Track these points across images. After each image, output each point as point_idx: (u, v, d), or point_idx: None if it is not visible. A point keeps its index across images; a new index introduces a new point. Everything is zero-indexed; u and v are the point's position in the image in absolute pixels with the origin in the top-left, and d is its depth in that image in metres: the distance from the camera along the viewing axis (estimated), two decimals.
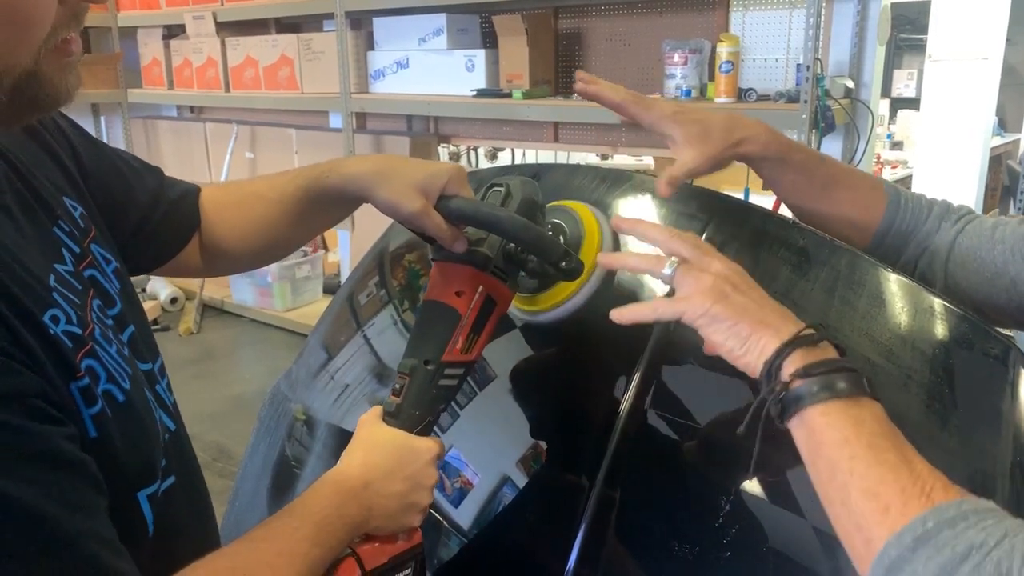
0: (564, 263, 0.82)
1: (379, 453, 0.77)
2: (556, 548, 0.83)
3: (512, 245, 0.82)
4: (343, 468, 0.77)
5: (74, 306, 0.65)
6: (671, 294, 0.74)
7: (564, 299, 0.89)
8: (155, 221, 0.91)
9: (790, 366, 0.64)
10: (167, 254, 0.94)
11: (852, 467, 0.59)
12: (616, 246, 0.92)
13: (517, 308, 0.93)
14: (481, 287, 0.81)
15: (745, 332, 0.67)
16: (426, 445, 0.79)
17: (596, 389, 0.91)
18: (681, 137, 0.91)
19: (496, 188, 0.84)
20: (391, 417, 0.80)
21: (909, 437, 0.71)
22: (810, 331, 0.65)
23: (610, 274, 0.91)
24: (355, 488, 0.74)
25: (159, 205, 0.91)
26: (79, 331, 0.64)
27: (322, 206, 0.92)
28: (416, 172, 0.82)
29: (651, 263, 0.75)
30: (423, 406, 0.80)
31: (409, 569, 0.79)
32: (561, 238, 0.91)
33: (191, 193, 0.97)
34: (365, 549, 0.76)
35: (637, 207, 1.00)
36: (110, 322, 0.71)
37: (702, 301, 0.69)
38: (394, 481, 0.76)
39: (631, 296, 0.92)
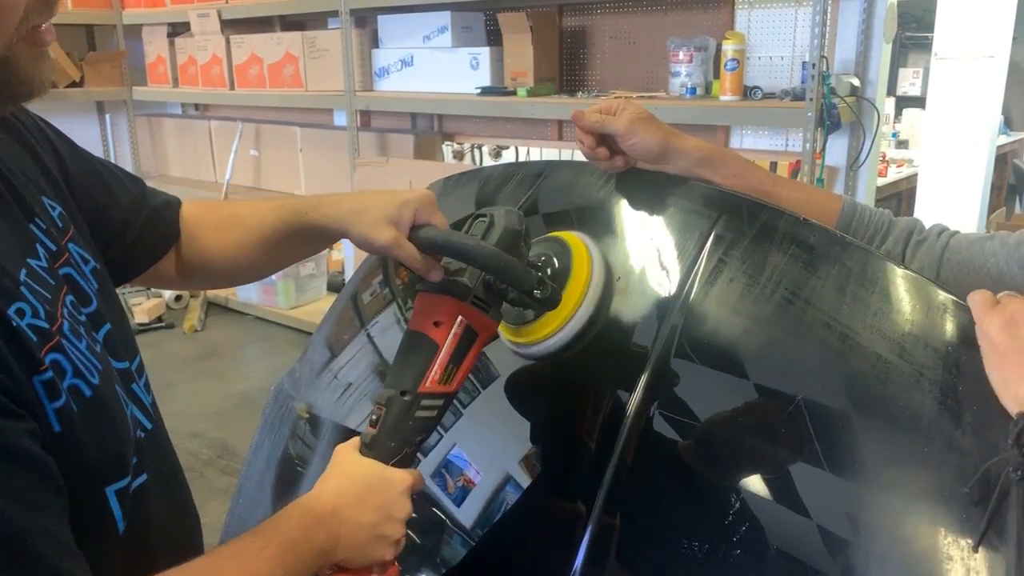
0: (538, 292, 0.82)
1: (350, 482, 0.77)
2: (563, 548, 0.83)
3: None
4: (314, 494, 0.76)
5: (44, 301, 0.65)
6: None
7: (550, 333, 0.88)
8: (136, 229, 0.92)
9: None
10: (147, 262, 0.95)
11: None
12: (608, 279, 0.91)
13: (507, 339, 0.92)
14: (460, 317, 0.81)
15: (1007, 373, 0.67)
16: (399, 477, 0.78)
17: (604, 391, 0.90)
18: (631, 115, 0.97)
19: (480, 219, 0.84)
20: (367, 448, 0.80)
21: (922, 435, 0.71)
22: None
23: (599, 308, 0.89)
24: (323, 515, 0.73)
25: (141, 212, 0.92)
26: (46, 325, 0.63)
27: (299, 240, 0.93)
28: (386, 205, 0.83)
29: None
30: (399, 437, 0.79)
31: None
32: (548, 270, 0.90)
33: (172, 205, 0.98)
34: None
35: (642, 204, 0.99)
36: (83, 319, 0.71)
37: (987, 323, 0.70)
38: (364, 511, 0.75)
39: (626, 330, 0.90)
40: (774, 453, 0.78)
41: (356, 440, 0.81)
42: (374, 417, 0.80)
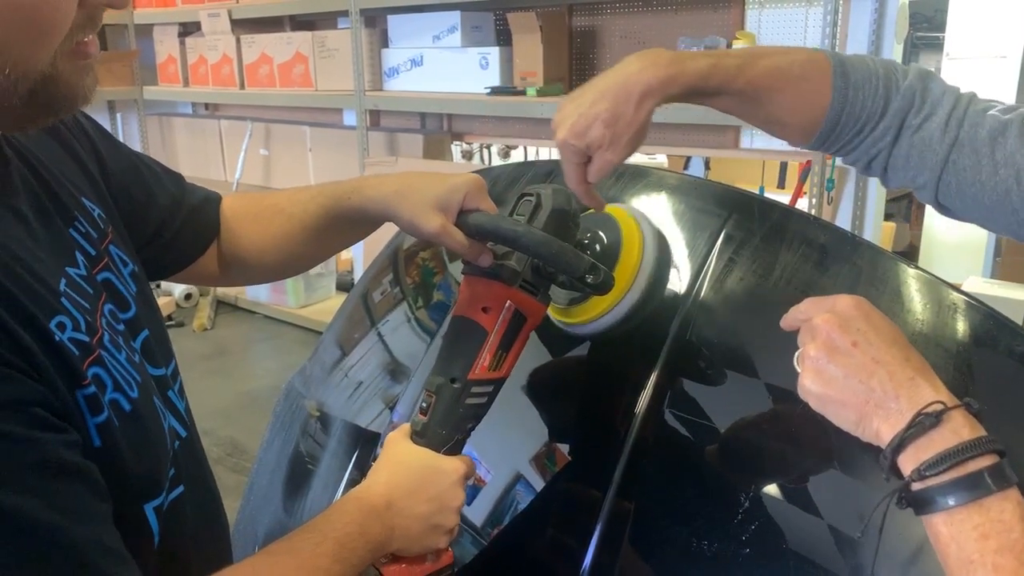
0: (590, 278, 0.78)
1: (403, 473, 0.76)
2: (572, 547, 0.83)
3: None
4: (368, 486, 0.76)
5: (83, 311, 0.64)
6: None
7: (601, 312, 0.86)
8: (175, 226, 0.90)
9: (908, 462, 0.58)
10: (185, 260, 0.94)
11: None
12: (662, 254, 0.89)
13: (557, 319, 0.91)
14: (509, 302, 0.79)
15: (853, 417, 0.61)
16: (452, 466, 0.78)
17: (613, 391, 0.90)
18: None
19: (527, 198, 0.81)
20: (418, 436, 0.79)
21: None
22: (930, 408, 0.57)
23: (653, 285, 0.87)
24: (378, 507, 0.73)
25: (179, 210, 0.91)
26: (87, 338, 0.62)
27: (343, 226, 0.92)
28: (434, 189, 0.81)
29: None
30: (450, 425, 0.79)
31: None
32: (597, 246, 0.88)
33: (212, 200, 0.96)
34: (391, 569, 0.75)
35: (652, 203, 0.99)
36: (121, 327, 0.71)
37: (801, 382, 0.64)
38: (418, 502, 0.75)
39: (637, 329, 0.88)
40: (784, 452, 0.78)
41: (406, 427, 0.81)
42: (424, 404, 0.79)
